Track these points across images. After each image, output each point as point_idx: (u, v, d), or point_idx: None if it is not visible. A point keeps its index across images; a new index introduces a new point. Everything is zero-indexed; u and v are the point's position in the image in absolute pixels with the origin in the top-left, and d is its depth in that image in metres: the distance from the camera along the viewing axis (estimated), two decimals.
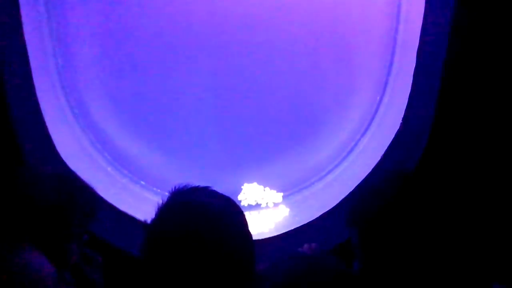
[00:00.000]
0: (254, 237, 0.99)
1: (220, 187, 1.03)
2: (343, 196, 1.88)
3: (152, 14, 2.04)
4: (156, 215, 0.96)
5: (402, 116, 1.79)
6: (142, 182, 2.19)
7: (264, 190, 2.20)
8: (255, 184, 2.20)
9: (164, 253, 0.90)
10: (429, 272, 0.95)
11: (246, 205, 2.16)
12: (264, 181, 2.20)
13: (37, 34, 1.90)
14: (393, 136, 1.82)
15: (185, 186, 1.01)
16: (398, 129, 1.81)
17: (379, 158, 1.86)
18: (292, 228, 1.91)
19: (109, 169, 2.16)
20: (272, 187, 2.21)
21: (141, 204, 2.05)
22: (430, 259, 0.95)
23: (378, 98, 2.14)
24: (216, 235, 0.89)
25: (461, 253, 0.98)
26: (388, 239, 0.96)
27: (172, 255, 0.89)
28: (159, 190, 2.17)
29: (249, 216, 1.09)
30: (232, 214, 0.97)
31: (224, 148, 2.18)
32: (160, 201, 0.98)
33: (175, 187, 1.01)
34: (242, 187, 2.19)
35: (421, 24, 1.66)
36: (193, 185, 1.02)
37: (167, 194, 1.00)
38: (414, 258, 0.95)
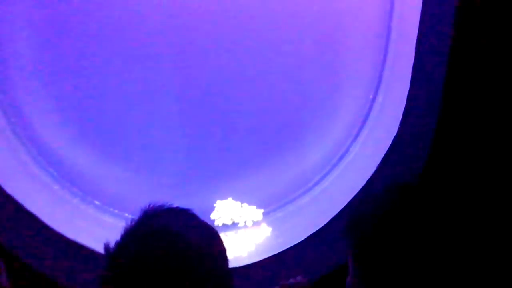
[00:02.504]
0: (231, 264, 0.96)
1: (189, 205, 0.98)
2: (333, 213, 1.74)
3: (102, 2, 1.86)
4: (122, 239, 0.89)
5: (400, 118, 1.65)
6: (97, 202, 2.00)
7: (242, 207, 2.03)
8: (229, 199, 2.04)
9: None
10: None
11: (220, 224, 1.99)
12: (241, 196, 2.05)
13: None
14: (389, 142, 1.68)
15: (159, 206, 0.95)
16: (396, 134, 1.67)
17: (373, 168, 1.72)
18: (275, 252, 1.74)
19: (55, 187, 1.96)
20: (250, 202, 2.05)
21: (96, 229, 1.89)
22: (433, 274, 0.92)
23: (370, 96, 2.01)
24: (192, 274, 0.85)
25: (466, 270, 0.95)
26: (388, 253, 0.94)
27: None
28: (116, 211, 1.99)
29: (224, 237, 0.99)
30: (212, 251, 0.92)
31: (192, 160, 2.03)
32: (127, 223, 0.92)
33: (148, 206, 0.95)
34: (214, 204, 2.02)
35: (421, 8, 1.52)
36: (169, 206, 0.96)
37: (127, 216, 0.96)
38: (416, 272, 0.93)
